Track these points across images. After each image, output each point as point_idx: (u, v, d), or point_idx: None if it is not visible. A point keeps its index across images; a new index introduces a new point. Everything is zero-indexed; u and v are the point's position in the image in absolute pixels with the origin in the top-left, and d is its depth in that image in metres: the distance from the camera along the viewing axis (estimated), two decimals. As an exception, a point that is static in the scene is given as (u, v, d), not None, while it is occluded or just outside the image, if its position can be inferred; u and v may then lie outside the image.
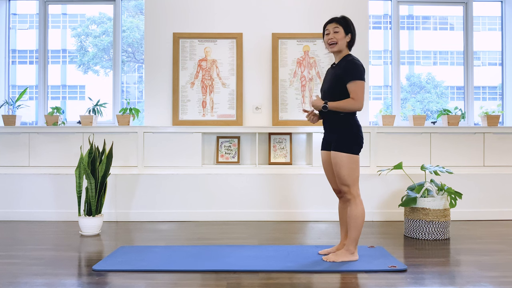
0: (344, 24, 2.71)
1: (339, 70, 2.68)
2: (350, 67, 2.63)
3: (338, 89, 2.66)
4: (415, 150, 4.23)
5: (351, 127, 2.65)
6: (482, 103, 5.05)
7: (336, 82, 2.67)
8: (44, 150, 4.19)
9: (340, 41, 2.70)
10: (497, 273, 2.48)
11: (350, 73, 2.61)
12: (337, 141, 2.66)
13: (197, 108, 4.37)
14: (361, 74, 2.62)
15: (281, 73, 4.39)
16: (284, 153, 4.33)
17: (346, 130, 2.65)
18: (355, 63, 2.64)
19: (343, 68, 2.66)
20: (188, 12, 4.45)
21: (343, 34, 2.70)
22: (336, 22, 2.72)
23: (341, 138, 2.65)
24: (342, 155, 2.62)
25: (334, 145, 2.67)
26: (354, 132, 2.65)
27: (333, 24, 2.72)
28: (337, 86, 2.66)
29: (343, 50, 2.74)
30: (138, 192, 4.09)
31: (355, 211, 2.66)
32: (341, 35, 2.70)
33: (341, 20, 2.72)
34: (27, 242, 3.27)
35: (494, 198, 4.17)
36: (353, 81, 2.60)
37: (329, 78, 2.77)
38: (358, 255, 2.73)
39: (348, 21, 2.73)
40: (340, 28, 2.70)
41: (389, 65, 4.84)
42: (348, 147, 2.63)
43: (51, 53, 4.95)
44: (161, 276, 2.43)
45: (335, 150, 2.65)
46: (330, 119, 2.72)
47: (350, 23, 2.74)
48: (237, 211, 4.10)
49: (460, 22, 4.90)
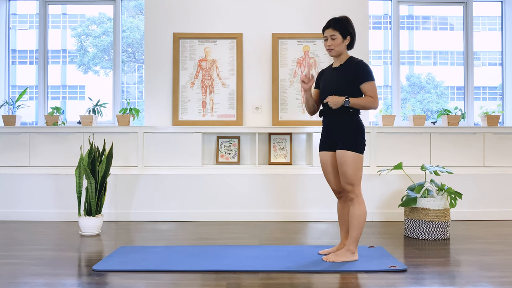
0: (341, 28, 2.69)
1: (349, 72, 2.69)
2: (362, 69, 2.68)
3: (350, 90, 2.67)
4: (415, 150, 4.24)
5: (357, 126, 2.67)
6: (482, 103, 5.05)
7: (347, 83, 2.67)
8: (44, 150, 4.19)
9: (337, 47, 2.71)
10: (497, 273, 2.48)
11: (364, 75, 2.66)
12: (344, 140, 2.65)
13: (197, 108, 4.37)
14: (373, 75, 2.70)
15: (281, 73, 4.39)
16: (284, 153, 4.33)
17: (353, 129, 2.66)
18: (365, 65, 2.71)
19: (354, 70, 2.68)
20: (188, 12, 4.45)
21: (340, 39, 2.70)
22: (332, 28, 2.70)
23: (349, 137, 2.65)
24: (349, 154, 2.63)
25: (342, 144, 2.66)
26: (360, 131, 2.68)
27: (330, 30, 2.71)
28: (348, 87, 2.67)
29: (343, 52, 2.75)
30: (138, 192, 4.09)
31: (358, 210, 2.66)
32: (338, 41, 2.70)
33: (337, 25, 2.70)
34: (27, 242, 3.27)
35: (494, 198, 4.17)
36: (368, 81, 2.66)
37: (335, 79, 2.74)
38: (358, 255, 2.73)
39: (344, 24, 2.70)
40: (337, 34, 2.69)
41: (389, 65, 4.84)
42: (355, 146, 2.64)
43: (51, 53, 4.95)
44: (161, 276, 2.43)
45: (343, 148, 2.65)
46: (337, 118, 2.70)
47: (347, 25, 2.71)
48: (237, 211, 4.10)
49: (460, 22, 4.90)
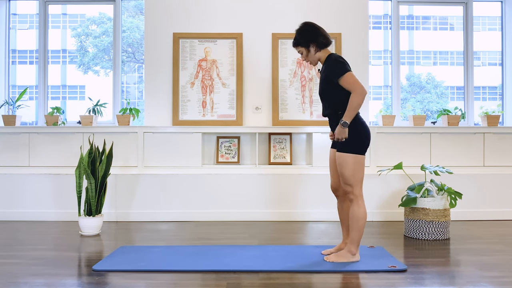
0: (300, 42, 2.73)
1: (325, 72, 2.71)
2: (331, 66, 2.66)
3: (330, 90, 2.69)
4: (415, 150, 4.24)
5: (356, 127, 2.64)
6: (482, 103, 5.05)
7: (327, 84, 2.70)
8: (44, 150, 4.19)
9: (310, 58, 2.76)
10: (497, 273, 2.48)
11: (334, 72, 2.63)
12: (341, 142, 2.65)
13: (197, 108, 4.37)
14: (343, 67, 2.62)
15: (281, 73, 4.39)
16: (284, 153, 4.33)
17: (351, 130, 2.63)
18: (333, 60, 2.67)
19: (327, 70, 2.69)
20: (188, 12, 4.45)
21: (305, 51, 2.75)
22: (294, 46, 2.78)
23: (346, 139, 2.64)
24: (346, 156, 2.62)
25: (339, 145, 2.67)
26: (359, 132, 2.64)
27: (295, 48, 2.78)
28: (329, 87, 2.69)
29: (321, 57, 2.76)
30: (138, 192, 4.09)
31: (357, 212, 2.65)
32: (305, 54, 2.76)
33: (296, 41, 2.75)
34: (27, 242, 3.27)
35: (494, 198, 4.17)
36: (341, 76, 2.60)
37: (320, 81, 2.80)
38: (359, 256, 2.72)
39: (302, 35, 2.72)
40: (301, 48, 2.75)
41: (389, 65, 4.84)
42: (353, 148, 2.62)
43: (51, 53, 4.95)
44: (161, 276, 2.43)
45: (340, 151, 2.65)
46: (336, 120, 2.72)
47: (304, 34, 2.71)
48: (237, 211, 4.10)
49: (460, 22, 4.90)
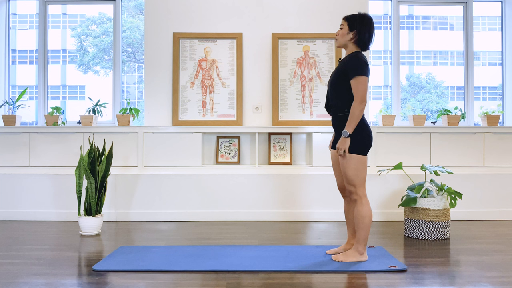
0: (350, 21, 2.73)
1: (344, 65, 2.68)
2: (354, 61, 2.63)
3: (343, 84, 2.66)
4: (415, 150, 4.23)
5: (360, 128, 2.63)
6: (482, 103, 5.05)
7: (339, 77, 2.68)
8: (44, 150, 4.19)
9: (341, 37, 2.74)
10: (497, 273, 2.48)
11: (354, 67, 2.61)
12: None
13: (197, 108, 4.37)
14: (362, 69, 2.60)
15: (281, 73, 4.39)
16: (284, 153, 4.33)
17: (354, 132, 2.61)
18: (357, 58, 2.64)
19: (346, 64, 2.67)
20: (188, 12, 4.45)
21: (346, 30, 2.73)
22: (343, 19, 2.77)
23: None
24: (349, 156, 2.61)
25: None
26: (361, 133, 2.63)
27: (342, 20, 2.78)
28: (341, 81, 2.67)
29: (349, 46, 2.75)
30: (138, 192, 4.09)
31: (362, 211, 2.64)
32: (343, 31, 2.74)
33: (349, 17, 2.75)
34: (27, 242, 3.27)
35: (494, 198, 4.17)
36: (356, 77, 2.59)
37: (334, 72, 2.78)
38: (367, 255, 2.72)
39: (356, 18, 2.73)
40: (344, 25, 2.74)
41: (389, 65, 4.84)
42: (355, 148, 2.61)
43: (51, 53, 4.95)
44: (161, 276, 2.43)
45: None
46: (338, 120, 2.71)
47: (357, 21, 2.72)
48: (237, 211, 4.10)
49: (460, 22, 4.90)
